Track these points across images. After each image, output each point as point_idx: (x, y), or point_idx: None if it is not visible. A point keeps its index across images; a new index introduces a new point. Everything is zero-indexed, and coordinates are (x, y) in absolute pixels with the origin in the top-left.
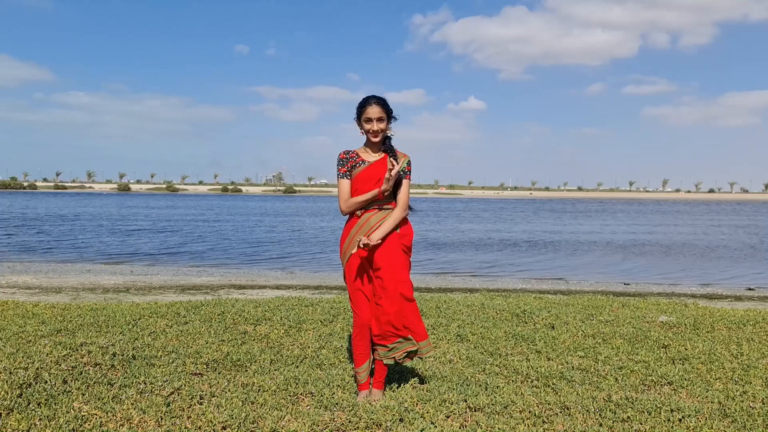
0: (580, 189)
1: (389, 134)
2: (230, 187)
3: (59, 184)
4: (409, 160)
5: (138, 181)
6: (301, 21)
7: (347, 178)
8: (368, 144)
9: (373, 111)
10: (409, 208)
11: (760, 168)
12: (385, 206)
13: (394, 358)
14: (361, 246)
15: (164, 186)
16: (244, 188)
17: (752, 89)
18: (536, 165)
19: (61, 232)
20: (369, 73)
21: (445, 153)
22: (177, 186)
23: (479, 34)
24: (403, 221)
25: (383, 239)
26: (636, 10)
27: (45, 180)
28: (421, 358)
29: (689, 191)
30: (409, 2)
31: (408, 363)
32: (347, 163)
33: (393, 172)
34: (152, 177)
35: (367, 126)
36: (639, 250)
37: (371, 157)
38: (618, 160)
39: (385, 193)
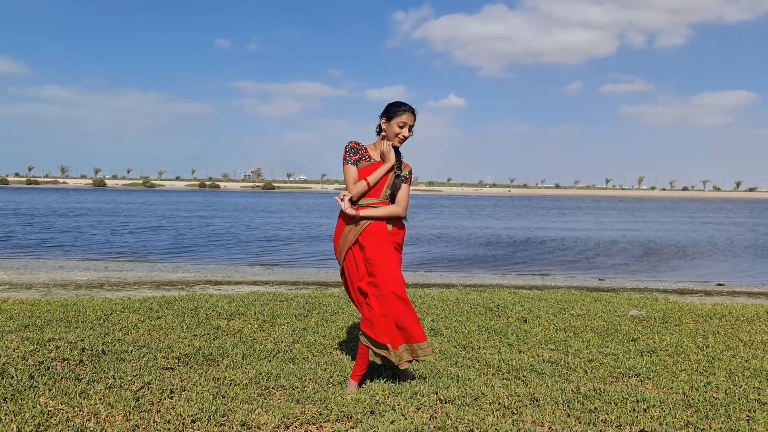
0: (557, 186)
1: None
2: (208, 183)
3: (31, 179)
4: (411, 170)
5: (114, 177)
6: (283, 16)
7: (355, 165)
8: (380, 143)
9: (410, 119)
10: (405, 218)
11: (731, 166)
12: (379, 206)
13: (380, 356)
14: (343, 202)
15: (140, 181)
16: (222, 184)
17: (726, 89)
18: (515, 162)
19: (31, 228)
20: (351, 69)
21: (424, 150)
22: (153, 181)
23: (460, 31)
24: (398, 222)
25: (374, 235)
26: (614, 10)
27: (17, 175)
28: (417, 360)
29: (664, 189)
30: None
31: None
32: (357, 153)
33: (386, 149)
34: (128, 172)
35: (398, 130)
36: (615, 246)
37: (377, 155)
38: (595, 158)
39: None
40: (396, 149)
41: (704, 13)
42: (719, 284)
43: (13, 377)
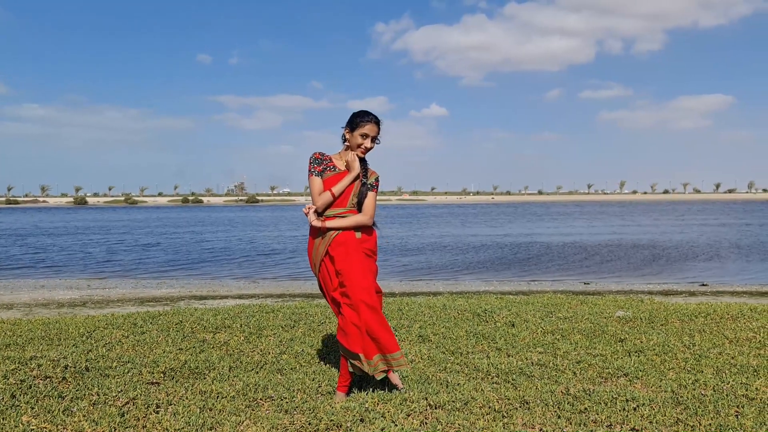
0: (540, 192)
1: None
2: (191, 198)
3: (11, 198)
4: (377, 177)
5: (95, 194)
6: (264, 29)
7: (320, 176)
8: (345, 152)
9: (372, 130)
10: (375, 225)
11: (711, 169)
12: (345, 215)
13: (355, 367)
14: (313, 221)
15: (122, 198)
16: (205, 199)
17: (703, 93)
18: (498, 170)
19: (11, 248)
20: (332, 81)
21: (407, 159)
22: (136, 198)
23: (440, 41)
24: (367, 229)
25: (342, 244)
26: (592, 17)
27: None
28: (393, 371)
29: (645, 192)
30: (371, 10)
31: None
32: (321, 164)
33: (351, 159)
34: (110, 190)
35: (361, 140)
36: (599, 250)
37: (343, 164)
38: (576, 164)
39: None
40: (363, 159)
41: (679, 19)
42: (703, 284)
43: None
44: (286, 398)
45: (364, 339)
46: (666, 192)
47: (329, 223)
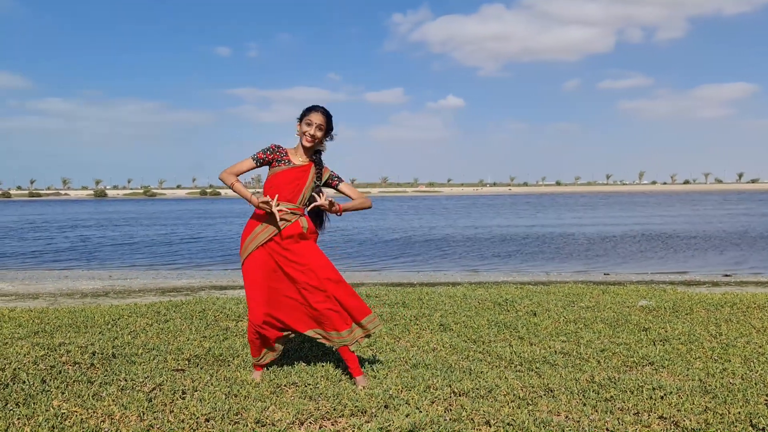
0: (558, 183)
1: (322, 149)
2: (209, 190)
3: (34, 191)
4: (330, 173)
5: (115, 187)
6: (281, 22)
7: (257, 164)
8: (300, 148)
9: (317, 118)
10: (322, 226)
11: (733, 158)
12: (295, 211)
13: (353, 340)
14: (326, 203)
15: (141, 191)
16: (222, 191)
17: (725, 81)
18: (515, 161)
19: (35, 239)
20: (349, 73)
21: (424, 151)
22: (154, 190)
23: (457, 32)
24: (311, 227)
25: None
26: (611, 6)
27: (19, 188)
28: (368, 336)
29: (665, 183)
30: (389, 1)
31: (359, 344)
32: (272, 155)
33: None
34: (129, 182)
35: (305, 128)
36: (618, 241)
37: (297, 160)
38: (595, 154)
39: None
40: (317, 156)
41: (702, 7)
42: (726, 275)
43: (25, 382)
44: (310, 384)
45: (337, 312)
46: (687, 182)
47: (343, 206)
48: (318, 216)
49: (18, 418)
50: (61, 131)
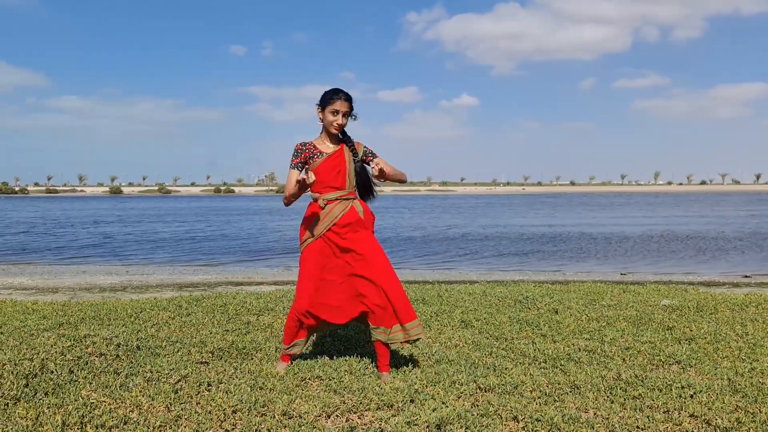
0: (572, 183)
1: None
2: (223, 188)
3: (51, 188)
4: (365, 147)
5: (130, 184)
6: (296, 20)
7: (300, 169)
8: (325, 135)
9: (342, 106)
10: (373, 195)
11: (750, 159)
12: (347, 197)
13: (394, 341)
14: (377, 172)
15: (156, 188)
16: (236, 189)
17: (743, 81)
18: (528, 160)
19: (54, 234)
20: (363, 71)
21: (437, 150)
22: (169, 188)
23: (472, 30)
24: (367, 208)
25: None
26: (627, 4)
27: (36, 184)
28: (409, 342)
29: (681, 183)
30: (404, 0)
31: (405, 347)
32: (302, 154)
33: (308, 176)
34: (144, 179)
35: (332, 118)
36: (634, 240)
37: (328, 148)
38: (610, 154)
39: (310, 183)
40: (345, 133)
41: (720, 6)
42: (746, 276)
43: (53, 372)
44: (334, 378)
45: (385, 309)
46: (703, 183)
47: (386, 168)
48: (366, 188)
49: (48, 407)
50: (77, 128)
